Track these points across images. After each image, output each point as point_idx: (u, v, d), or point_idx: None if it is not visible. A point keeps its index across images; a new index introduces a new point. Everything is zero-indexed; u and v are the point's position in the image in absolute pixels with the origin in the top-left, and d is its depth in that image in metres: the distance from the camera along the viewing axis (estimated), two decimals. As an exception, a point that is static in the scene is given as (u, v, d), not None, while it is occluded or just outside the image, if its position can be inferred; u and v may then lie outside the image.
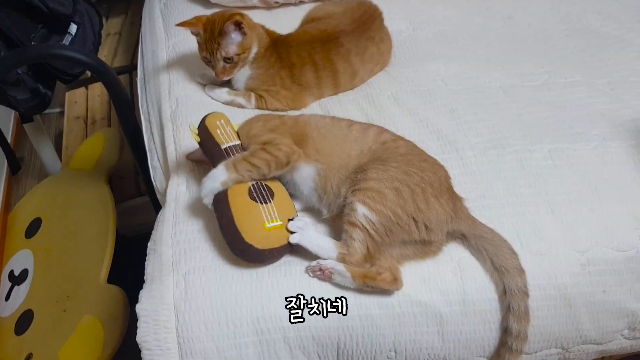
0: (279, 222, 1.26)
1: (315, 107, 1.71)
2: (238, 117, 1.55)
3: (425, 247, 1.32)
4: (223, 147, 1.35)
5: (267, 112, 1.65)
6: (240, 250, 1.25)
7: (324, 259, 1.26)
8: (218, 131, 1.37)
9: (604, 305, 1.37)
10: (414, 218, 1.26)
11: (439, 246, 1.34)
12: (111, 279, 1.97)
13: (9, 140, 2.72)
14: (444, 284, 1.31)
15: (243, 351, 1.25)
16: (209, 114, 1.42)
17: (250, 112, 1.66)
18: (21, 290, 2.11)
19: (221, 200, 1.28)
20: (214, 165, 1.33)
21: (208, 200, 1.31)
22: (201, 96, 1.70)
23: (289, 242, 1.27)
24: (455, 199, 1.34)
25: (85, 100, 2.83)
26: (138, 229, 2.30)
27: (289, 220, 1.28)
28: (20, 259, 2.20)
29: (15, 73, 1.80)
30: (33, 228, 2.27)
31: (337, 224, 1.34)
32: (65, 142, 2.64)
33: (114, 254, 2.01)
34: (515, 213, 1.41)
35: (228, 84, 1.70)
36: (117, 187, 2.40)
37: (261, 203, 1.28)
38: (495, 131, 1.59)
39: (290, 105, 1.67)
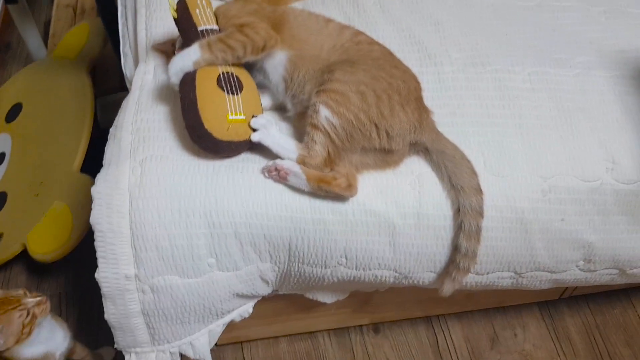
0: (242, 117, 1.23)
1: (297, 7, 1.63)
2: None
3: (386, 156, 1.29)
4: (200, 28, 1.29)
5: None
6: (198, 136, 1.22)
7: (282, 160, 1.24)
8: (197, 11, 1.31)
9: (560, 234, 1.36)
10: (375, 124, 1.23)
11: (400, 157, 1.32)
12: (86, 170, 1.97)
13: (-5, 24, 2.67)
14: (400, 197, 1.30)
15: (194, 241, 1.26)
16: None
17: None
18: (-3, 173, 2.12)
19: (188, 81, 1.24)
20: (188, 46, 1.28)
21: (175, 80, 1.26)
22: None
23: (248, 139, 1.24)
24: (422, 110, 1.31)
25: (76, -12, 2.75)
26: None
27: (253, 116, 1.25)
28: (-1, 143, 2.21)
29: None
30: (13, 113, 2.26)
31: (300, 124, 1.32)
32: (52, 29, 2.58)
33: (92, 146, 2.01)
34: (484, 132, 1.38)
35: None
36: (101, 80, 2.37)
37: (228, 93, 1.24)
38: (477, 48, 1.53)
39: (272, 1, 1.61)
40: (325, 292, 1.51)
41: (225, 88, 1.24)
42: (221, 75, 1.25)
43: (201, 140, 1.23)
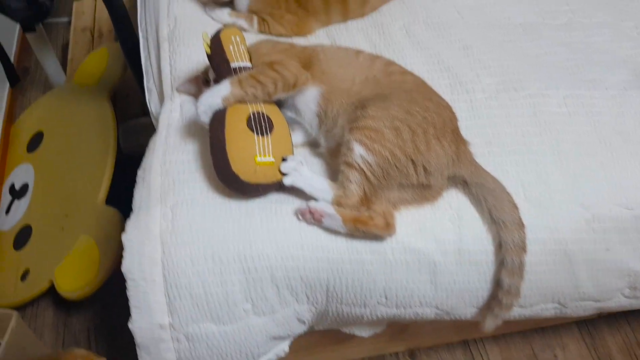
0: (271, 159, 1.20)
1: (322, 34, 1.61)
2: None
3: (424, 191, 1.25)
4: (233, 65, 1.26)
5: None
6: (225, 177, 1.19)
7: (315, 201, 1.21)
8: (231, 47, 1.28)
9: (605, 264, 1.32)
10: (412, 160, 1.20)
11: (438, 191, 1.28)
12: (110, 198, 1.96)
13: (13, 49, 2.66)
14: (440, 233, 1.26)
15: (229, 288, 1.22)
16: (225, 27, 1.33)
17: (253, 37, 1.56)
18: (21, 205, 2.11)
19: (218, 120, 1.21)
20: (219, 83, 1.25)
21: (204, 117, 1.23)
22: (201, 16, 1.60)
23: (277, 182, 1.21)
24: (459, 142, 1.27)
25: (93, 11, 2.74)
26: (141, 148, 2.26)
27: (283, 159, 1.22)
28: (22, 173, 2.20)
29: (8, -20, 1.71)
30: (35, 142, 2.25)
31: (333, 161, 1.28)
32: (70, 54, 2.57)
33: (115, 173, 1.99)
34: (522, 161, 1.33)
35: (230, 4, 1.60)
36: (122, 105, 2.35)
37: (258, 134, 1.20)
38: (509, 72, 1.49)
39: (295, 30, 1.58)
40: (362, 326, 1.48)
41: (255, 129, 1.21)
42: (251, 115, 1.22)
43: (228, 182, 1.20)
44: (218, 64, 1.28)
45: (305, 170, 1.23)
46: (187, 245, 1.21)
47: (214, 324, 1.25)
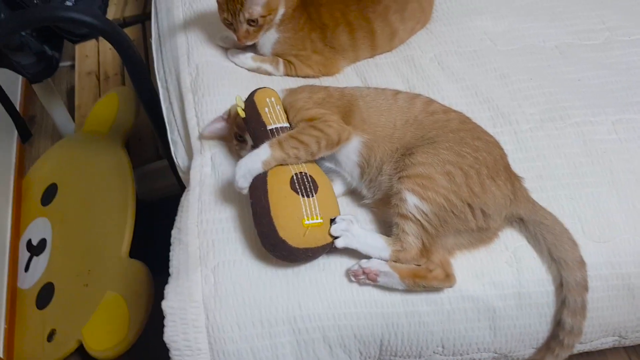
0: (319, 220, 1.13)
1: (350, 72, 1.55)
2: (266, 84, 1.40)
3: (482, 233, 1.20)
4: (269, 127, 1.21)
5: (310, 81, 1.49)
6: (272, 245, 1.13)
7: (367, 260, 1.15)
8: (266, 109, 1.23)
9: (669, 294, 1.25)
10: (469, 204, 1.14)
11: (495, 232, 1.22)
12: (132, 248, 1.89)
13: (18, 98, 2.60)
14: (498, 277, 1.20)
15: (279, 351, 1.17)
16: (259, 89, 1.27)
17: (279, 80, 1.51)
18: (40, 261, 2.04)
19: (259, 185, 1.15)
20: (257, 147, 1.19)
21: (243, 183, 1.16)
22: (223, 62, 1.54)
23: (327, 244, 1.14)
24: (513, 179, 1.22)
25: (96, 54, 2.67)
26: (158, 193, 2.20)
27: (331, 221, 1.15)
28: (38, 228, 2.13)
29: (18, 37, 1.65)
30: (49, 195, 2.19)
31: (381, 211, 1.23)
32: (77, 100, 2.50)
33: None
34: (577, 195, 1.28)
35: (253, 48, 1.54)
36: (135, 150, 2.29)
37: (303, 196, 1.14)
38: (552, 100, 1.43)
39: (323, 71, 1.52)
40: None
41: (299, 191, 1.14)
42: (294, 177, 1.16)
43: (276, 249, 1.13)
44: (254, 128, 1.23)
45: (357, 229, 1.16)
46: (233, 309, 1.15)
47: (266, 390, 1.18)
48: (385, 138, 1.22)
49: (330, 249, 1.16)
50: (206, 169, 1.34)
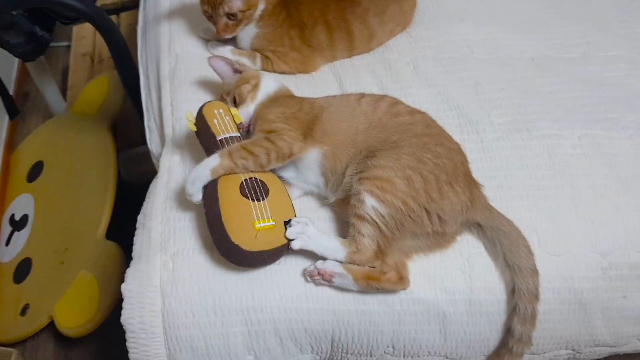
0: (271, 222, 1.14)
1: (326, 71, 1.56)
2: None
3: (438, 238, 1.22)
4: (219, 138, 1.23)
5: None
6: (226, 251, 1.14)
7: (322, 261, 1.16)
8: (215, 121, 1.24)
9: (622, 311, 1.27)
10: (426, 209, 1.16)
11: (452, 237, 1.24)
12: (111, 230, 1.93)
13: (13, 75, 2.63)
14: (450, 282, 1.22)
15: (231, 340, 1.19)
16: (206, 103, 1.29)
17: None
18: (21, 237, 2.07)
19: (210, 194, 1.18)
20: (209, 154, 1.22)
21: (191, 190, 1.18)
22: (203, 53, 1.56)
23: (281, 246, 1.15)
24: (472, 186, 1.23)
25: (93, 36, 2.70)
26: (143, 177, 2.21)
27: (286, 223, 1.16)
28: (22, 204, 2.16)
29: (8, 16, 1.67)
30: (35, 172, 2.22)
31: (341, 210, 1.24)
32: (70, 81, 2.54)
33: (116, 202, 1.96)
34: (535, 207, 1.29)
35: (233, 41, 1.56)
36: (123, 133, 2.32)
37: (253, 200, 1.16)
38: (522, 111, 1.44)
39: (299, 68, 1.54)
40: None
41: (249, 195, 1.16)
42: (244, 182, 1.18)
43: (230, 255, 1.14)
44: (205, 140, 1.25)
45: (312, 231, 1.17)
46: (188, 296, 1.17)
47: (216, 377, 1.20)
48: (348, 144, 1.23)
49: (287, 252, 1.17)
50: (175, 157, 1.36)
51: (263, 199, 1.16)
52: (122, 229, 1.91)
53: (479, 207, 1.23)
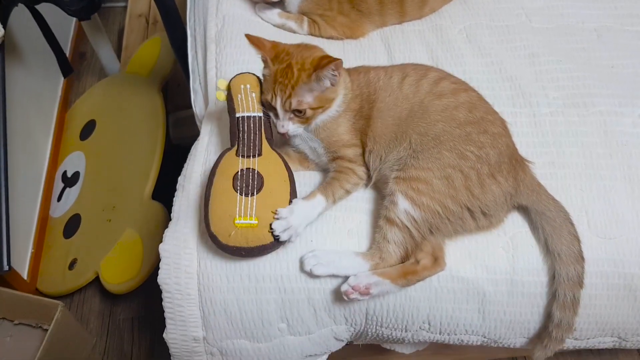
0: (254, 221, 1.10)
1: (375, 37, 1.52)
2: (290, 40, 1.36)
3: (484, 228, 1.18)
4: (237, 115, 1.20)
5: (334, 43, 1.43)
6: (209, 235, 1.13)
7: (354, 277, 1.12)
8: (239, 96, 1.21)
9: (674, 300, 1.20)
10: (468, 208, 1.12)
11: (499, 221, 1.19)
12: (158, 190, 1.96)
13: (70, 34, 2.67)
14: (491, 261, 1.18)
15: (264, 307, 1.18)
16: (238, 75, 1.24)
17: (303, 38, 1.49)
18: (72, 193, 2.13)
19: (210, 174, 1.17)
20: (230, 130, 1.20)
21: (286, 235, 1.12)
22: (250, 16, 1.54)
23: (264, 245, 1.11)
24: (517, 169, 1.17)
25: (149, -3, 2.71)
26: (191, 139, 2.23)
27: (275, 216, 1.11)
28: (74, 161, 2.21)
29: (60, -27, 1.69)
30: (87, 130, 2.26)
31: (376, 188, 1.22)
32: (125, 41, 2.56)
33: (163, 163, 1.99)
34: (588, 187, 1.23)
35: (280, 4, 1.53)
36: (173, 95, 2.33)
37: (241, 194, 1.13)
38: (579, 85, 1.37)
39: (347, 33, 1.49)
40: (404, 344, 1.41)
41: (239, 188, 1.13)
42: (239, 173, 1.15)
43: (211, 240, 1.13)
44: (229, 112, 1.22)
45: (329, 256, 1.14)
46: (223, 261, 1.17)
47: (248, 341, 1.22)
48: (390, 138, 1.19)
49: (273, 249, 1.13)
50: (217, 120, 1.35)
51: (252, 194, 1.13)
52: (169, 190, 1.95)
53: (525, 190, 1.18)
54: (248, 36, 1.17)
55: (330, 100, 1.17)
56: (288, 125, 1.16)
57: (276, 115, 1.17)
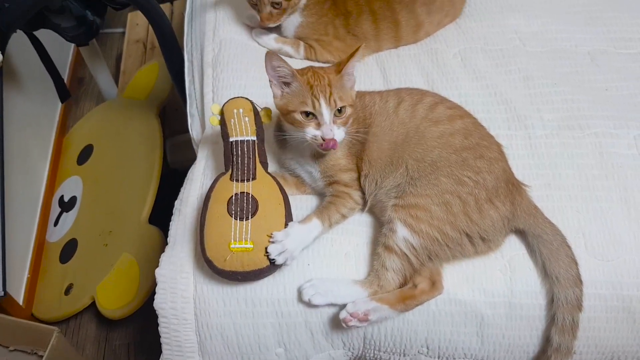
0: (249, 245, 1.10)
1: (371, 62, 1.53)
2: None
3: (482, 253, 1.18)
4: (231, 139, 1.21)
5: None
6: (205, 260, 1.13)
7: (353, 303, 1.11)
8: (232, 121, 1.22)
9: (674, 323, 1.19)
10: (467, 233, 1.12)
11: (496, 245, 1.19)
12: (155, 215, 1.95)
13: (69, 60, 2.69)
14: (489, 284, 1.17)
15: (261, 331, 1.18)
16: (231, 99, 1.26)
17: (299, 63, 1.50)
18: (69, 218, 2.12)
19: (205, 199, 1.17)
20: (224, 155, 1.21)
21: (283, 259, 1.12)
22: (247, 40, 1.55)
23: (261, 269, 1.11)
24: (514, 194, 1.18)
25: (146, 23, 2.73)
26: (188, 163, 2.24)
27: (270, 240, 1.11)
28: (71, 185, 2.22)
29: (59, 0, 1.70)
30: (85, 155, 2.27)
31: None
32: (123, 66, 2.58)
33: (160, 187, 1.99)
34: (584, 208, 1.23)
35: (277, 29, 1.54)
36: (171, 120, 2.34)
37: (236, 218, 1.13)
38: (574, 108, 1.37)
39: (343, 57, 1.49)
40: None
41: (234, 213, 1.13)
42: (233, 197, 1.15)
43: (207, 265, 1.13)
44: (222, 136, 1.23)
45: (326, 285, 1.14)
46: (220, 285, 1.17)
47: (246, 367, 1.20)
48: (386, 163, 1.19)
49: (268, 273, 1.13)
50: (214, 145, 1.36)
51: (247, 218, 1.13)
52: (166, 214, 1.95)
53: (522, 214, 1.18)
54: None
55: (354, 99, 1.19)
56: (334, 130, 1.13)
57: (317, 125, 1.13)
